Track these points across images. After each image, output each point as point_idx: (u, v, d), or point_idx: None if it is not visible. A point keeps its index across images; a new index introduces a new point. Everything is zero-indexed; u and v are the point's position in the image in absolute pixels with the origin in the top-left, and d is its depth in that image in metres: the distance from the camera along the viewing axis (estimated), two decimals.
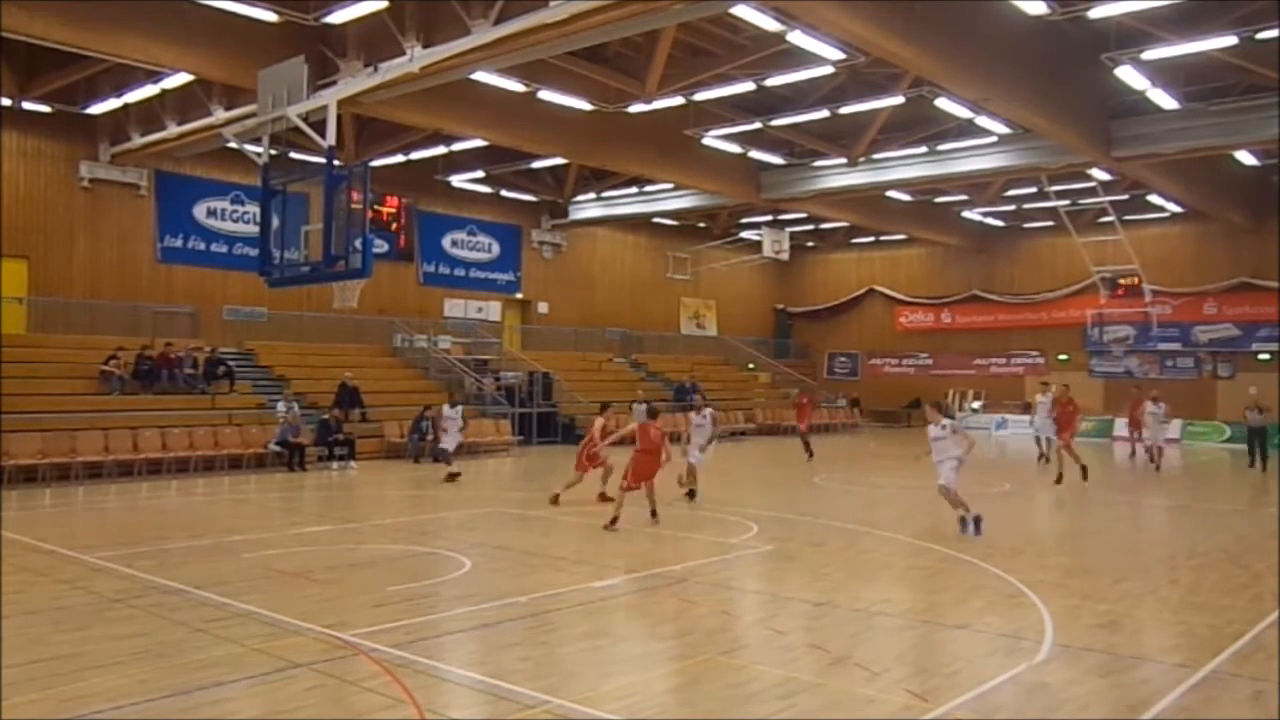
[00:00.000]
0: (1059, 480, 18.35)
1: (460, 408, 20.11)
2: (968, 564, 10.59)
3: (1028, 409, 34.77)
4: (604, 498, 14.66)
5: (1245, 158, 25.00)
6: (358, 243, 12.73)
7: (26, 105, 21.43)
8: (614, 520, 12.47)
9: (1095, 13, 16.22)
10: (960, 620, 8.19)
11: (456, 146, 24.82)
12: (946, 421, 12.36)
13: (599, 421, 15.25)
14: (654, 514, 13.00)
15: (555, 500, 14.79)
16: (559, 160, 27.21)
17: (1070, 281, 34.79)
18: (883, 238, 38.74)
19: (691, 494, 15.35)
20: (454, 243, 31.83)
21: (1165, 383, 33.18)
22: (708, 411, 16.53)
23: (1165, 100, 19.71)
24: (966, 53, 16.36)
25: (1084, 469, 18.62)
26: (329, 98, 13.73)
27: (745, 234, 37.10)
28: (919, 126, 23.49)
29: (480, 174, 29.14)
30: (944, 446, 12.23)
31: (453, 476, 18.28)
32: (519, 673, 6.48)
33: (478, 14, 14.34)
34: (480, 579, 9.59)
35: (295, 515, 14.21)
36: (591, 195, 32.45)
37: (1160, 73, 18.73)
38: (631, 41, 18.62)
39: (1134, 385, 27.40)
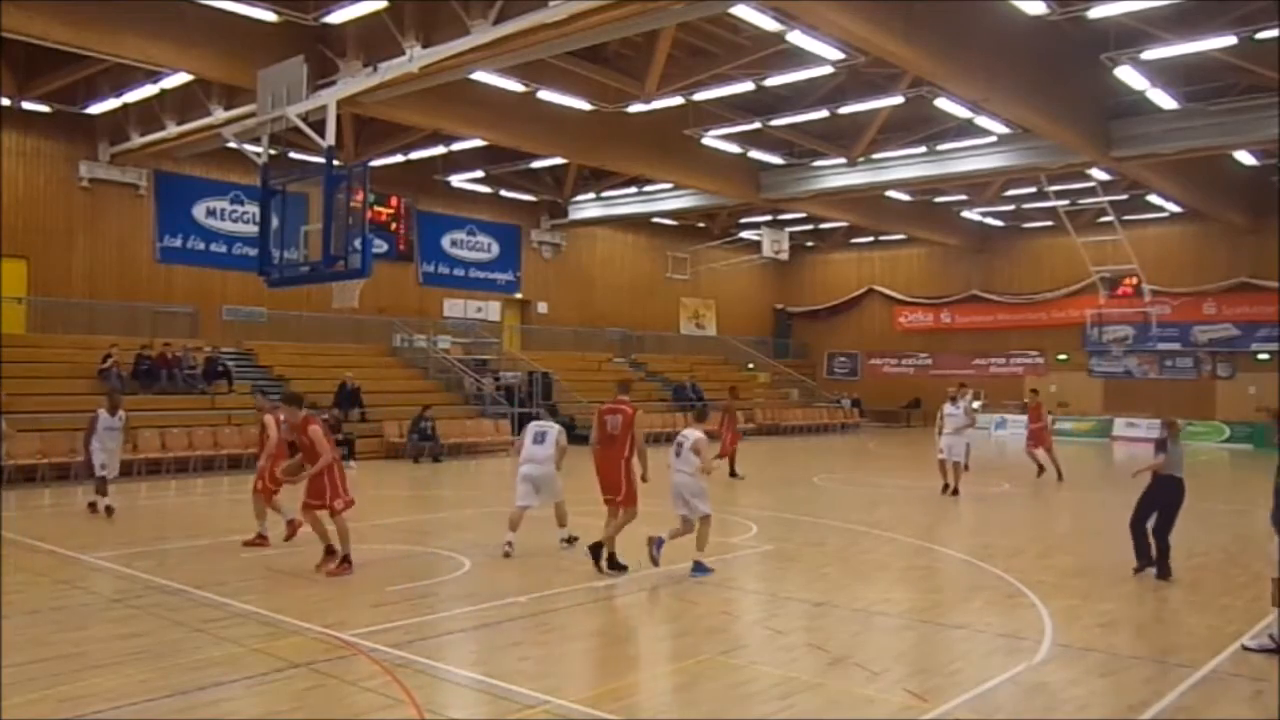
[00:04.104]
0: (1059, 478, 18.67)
1: (122, 416, 13.71)
2: (968, 564, 10.59)
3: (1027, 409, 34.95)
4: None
5: (1245, 158, 25.00)
6: (357, 243, 12.72)
7: (26, 105, 21.41)
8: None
9: (1095, 13, 16.22)
10: (960, 620, 8.19)
11: (456, 146, 24.81)
12: None
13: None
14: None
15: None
16: (559, 160, 27.21)
17: (1070, 281, 34.80)
18: (882, 238, 38.74)
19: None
20: (453, 243, 31.82)
21: (1165, 382, 33.35)
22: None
23: (1165, 100, 19.72)
24: (966, 53, 16.36)
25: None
26: (328, 98, 13.73)
27: (745, 234, 37.10)
28: (918, 126, 23.49)
29: (480, 174, 29.13)
30: None
31: (104, 509, 13.26)
32: (519, 673, 6.47)
33: (477, 14, 14.33)
34: (480, 579, 9.59)
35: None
36: (591, 195, 32.45)
37: (1160, 73, 18.73)
38: (631, 41, 18.62)
39: (1031, 389, 23.89)
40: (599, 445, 9.82)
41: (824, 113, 21.56)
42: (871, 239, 39.55)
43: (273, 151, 14.48)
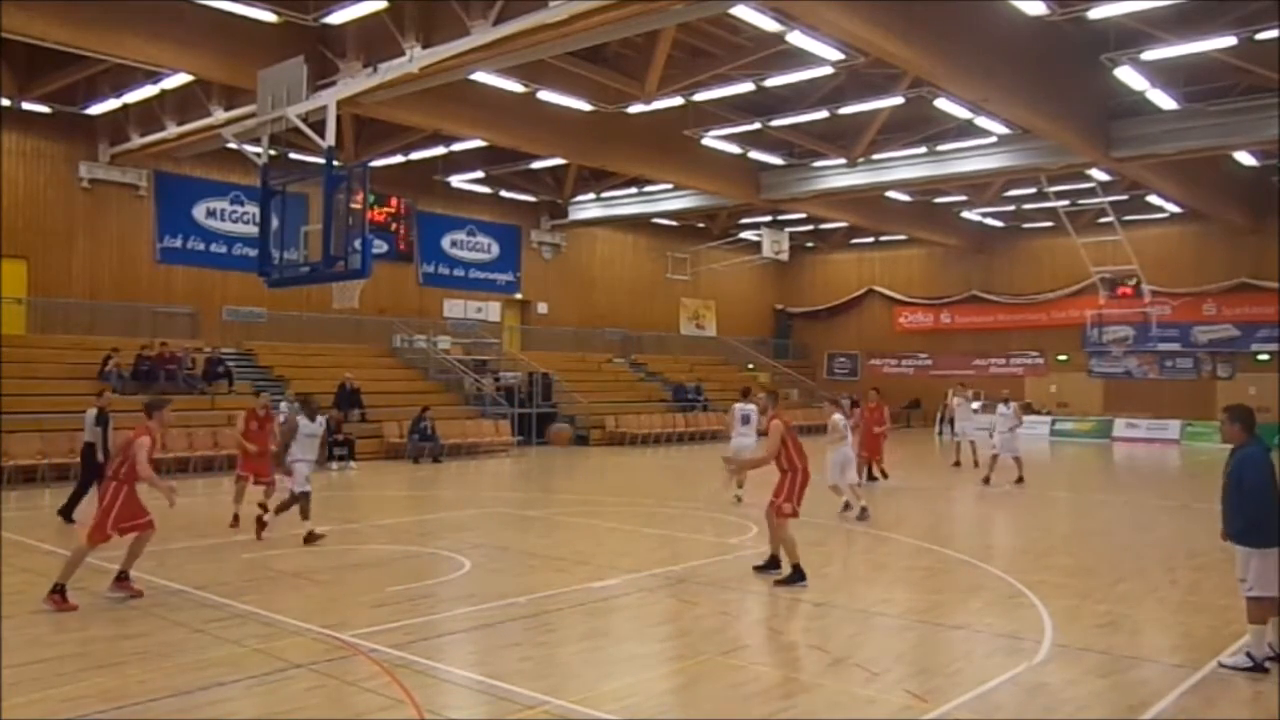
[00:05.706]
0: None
1: (322, 421, 12.60)
2: (967, 564, 10.59)
3: (1028, 409, 34.88)
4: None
5: (1245, 158, 24.99)
6: (357, 243, 12.71)
7: (26, 105, 21.43)
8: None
9: (1095, 13, 16.23)
10: (960, 620, 8.19)
11: (456, 147, 24.81)
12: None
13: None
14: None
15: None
16: (559, 161, 27.20)
17: (1069, 282, 34.79)
18: (882, 238, 38.73)
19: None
20: (453, 243, 31.82)
21: (1165, 383, 33.33)
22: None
23: (1165, 101, 19.71)
24: (966, 53, 16.36)
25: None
26: (328, 98, 13.70)
27: (745, 234, 37.09)
28: (918, 127, 23.48)
29: (480, 174, 29.14)
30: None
31: (312, 537, 11.50)
32: (519, 673, 6.47)
33: (477, 14, 14.34)
34: (480, 579, 9.59)
35: (294, 515, 14.18)
36: (591, 195, 32.45)
37: (1160, 73, 18.73)
38: (631, 42, 18.61)
39: (872, 388, 21.83)
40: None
41: (824, 113, 21.56)
42: (871, 239, 39.53)
43: (273, 152, 14.46)
